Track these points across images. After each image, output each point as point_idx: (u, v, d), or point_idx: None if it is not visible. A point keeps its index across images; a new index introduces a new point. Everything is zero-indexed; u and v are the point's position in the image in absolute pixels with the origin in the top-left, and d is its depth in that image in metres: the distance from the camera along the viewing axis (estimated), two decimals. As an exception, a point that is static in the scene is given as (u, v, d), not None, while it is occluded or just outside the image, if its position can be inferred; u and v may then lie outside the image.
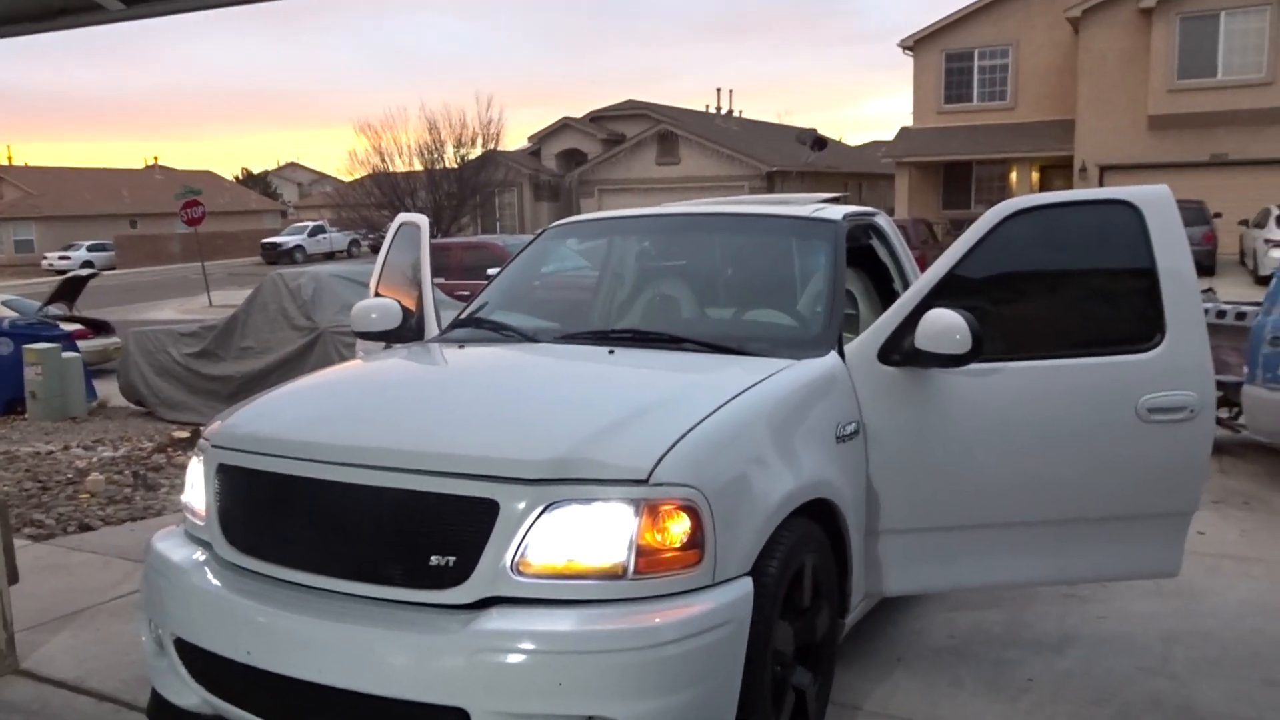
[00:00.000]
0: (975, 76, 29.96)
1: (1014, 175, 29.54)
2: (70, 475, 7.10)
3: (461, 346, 3.75)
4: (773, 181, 34.83)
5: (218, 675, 2.74)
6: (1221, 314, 7.37)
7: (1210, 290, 8.28)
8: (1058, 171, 28.33)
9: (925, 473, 3.36)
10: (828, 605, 3.11)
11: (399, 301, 4.29)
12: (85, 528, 5.72)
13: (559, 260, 4.86)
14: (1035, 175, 29.53)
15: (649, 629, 2.39)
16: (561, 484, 2.49)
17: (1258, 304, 7.10)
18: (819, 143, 33.10)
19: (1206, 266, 20.52)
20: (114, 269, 42.77)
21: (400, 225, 4.88)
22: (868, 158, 41.19)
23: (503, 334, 3.84)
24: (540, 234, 4.70)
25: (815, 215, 4.02)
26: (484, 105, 49.61)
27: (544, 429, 2.69)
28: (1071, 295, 3.64)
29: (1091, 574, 3.64)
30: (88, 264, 38.11)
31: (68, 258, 42.25)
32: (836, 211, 4.08)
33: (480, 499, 2.49)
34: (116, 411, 11.08)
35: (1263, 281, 17.60)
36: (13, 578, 3.83)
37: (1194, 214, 21.70)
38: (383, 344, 4.18)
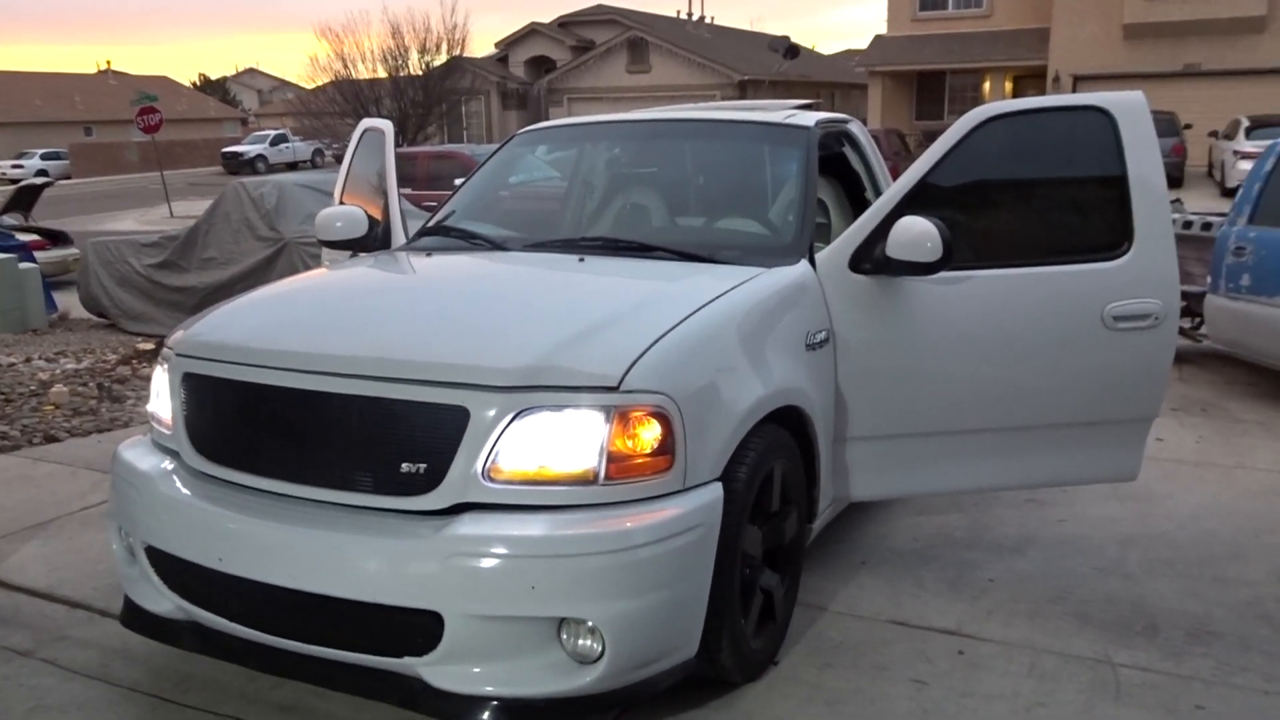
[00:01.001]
0: (951, -18, 29.41)
1: (987, 85, 29.28)
2: (34, 387, 7.00)
3: (429, 254, 3.70)
4: (745, 90, 34.27)
5: (190, 582, 2.75)
6: (1188, 225, 7.42)
7: (1178, 201, 8.32)
8: (1031, 82, 28.10)
9: (894, 380, 3.39)
10: (796, 510, 3.16)
11: (365, 210, 4.21)
12: (51, 439, 5.67)
13: (528, 169, 4.77)
14: (1009, 85, 29.28)
15: (620, 533, 2.42)
16: (532, 391, 2.48)
17: (1223, 215, 7.15)
18: (791, 51, 32.48)
19: (1175, 178, 20.60)
20: (69, 178, 41.60)
21: (364, 131, 4.76)
22: (841, 67, 40.61)
23: (471, 242, 3.79)
24: (509, 140, 4.61)
25: (787, 122, 3.97)
26: (449, 9, 48.10)
27: (515, 336, 2.68)
28: (1043, 203, 3.63)
29: (1054, 479, 3.72)
30: (42, 173, 37.07)
31: (21, 166, 41.02)
32: (809, 118, 4.02)
33: (451, 406, 2.48)
34: (78, 323, 10.91)
35: (1229, 194, 17.69)
36: (-22, 488, 3.80)
37: (1165, 125, 21.64)
38: (349, 253, 4.12)
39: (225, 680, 2.98)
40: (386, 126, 4.61)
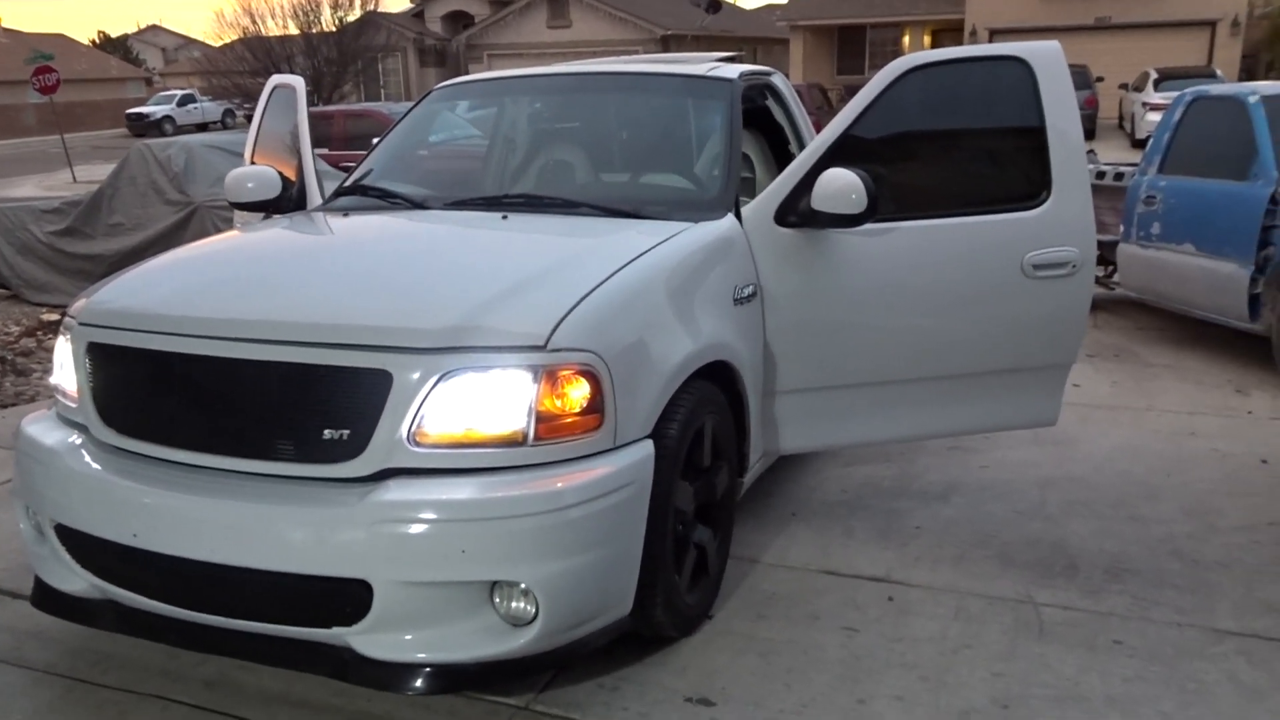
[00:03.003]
0: (870, -65, 29.47)
1: (907, 39, 29.54)
2: (-69, 363, 6.67)
3: (346, 215, 3.58)
4: (667, 45, 34.00)
5: (103, 559, 2.64)
6: (1101, 175, 7.59)
7: (1091, 152, 8.50)
8: (949, 36, 28.45)
9: (821, 333, 3.40)
10: (727, 465, 3.16)
11: (278, 170, 4.06)
12: (-49, 416, 5.41)
13: (448, 127, 4.65)
14: (927, 39, 29.58)
15: (550, 493, 2.39)
16: (457, 352, 2.42)
17: (1135, 165, 7.33)
18: (713, 5, 32.25)
19: (1088, 130, 21.07)
20: (-39, 143, 39.53)
21: (274, 88, 4.59)
22: (763, 21, 40.52)
23: (390, 201, 3.68)
24: (426, 96, 4.48)
25: (710, 74, 3.92)
26: (361, -39, 46.48)
27: (437, 296, 2.61)
28: (964, 154, 3.67)
29: (977, 426, 3.79)
30: (-69, 137, 35.14)
31: (-94, 131, 38.84)
32: (732, 70, 3.98)
33: (373, 370, 2.41)
34: (-22, 294, 10.41)
35: (1140, 145, 18.22)
36: None
37: (1078, 78, 22.05)
38: (261, 214, 3.97)
39: (146, 658, 2.89)
40: (298, 83, 4.44)
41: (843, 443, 3.72)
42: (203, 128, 38.60)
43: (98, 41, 66.32)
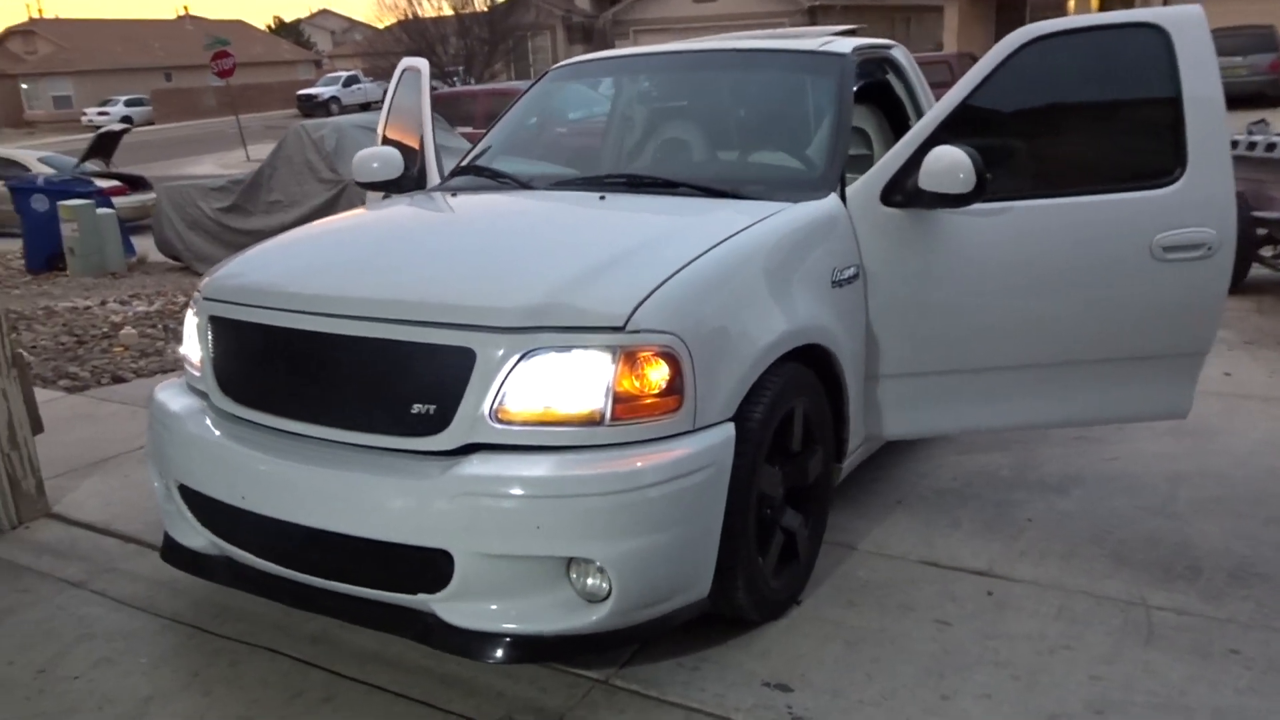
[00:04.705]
0: (1034, -107, 27.90)
1: (1072, 3, 27.88)
2: (105, 330, 7.27)
3: (455, 195, 3.69)
4: (814, 16, 33.24)
5: (219, 518, 2.84)
6: (1271, 147, 7.01)
7: (1263, 122, 7.86)
8: (1119, -2, 26.64)
9: (927, 316, 3.29)
10: (821, 449, 3.11)
11: (409, 145, 4.22)
12: (118, 379, 5.89)
13: (586, 104, 4.71)
14: (1095, 2, 27.83)
15: (624, 473, 2.41)
16: (538, 331, 2.47)
17: (1312, 136, 6.74)
18: (865, -28, 31.33)
19: (1272, 96, 19.49)
20: (152, 124, 42.69)
21: (403, 71, 4.75)
22: (917, -12, 38.97)
23: (499, 180, 3.77)
24: (542, 76, 4.55)
25: (822, 50, 3.82)
26: (514, -58, 47.30)
27: (522, 276, 2.66)
28: (1090, 128, 3.45)
29: (1098, 416, 3.59)
30: (126, 119, 38.09)
31: (106, 113, 42.22)
32: (845, 45, 3.87)
33: (457, 347, 2.49)
34: (155, 267, 11.26)
35: (1332, 113, 16.67)
36: (37, 428, 3.97)
37: (1262, 39, 20.50)
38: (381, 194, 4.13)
39: (261, 612, 3.09)
40: (423, 65, 4.58)
41: (949, 429, 3.60)
42: (365, 107, 40.34)
43: (273, 26, 70.12)
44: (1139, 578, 3.15)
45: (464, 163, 4.14)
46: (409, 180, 4.10)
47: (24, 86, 49.06)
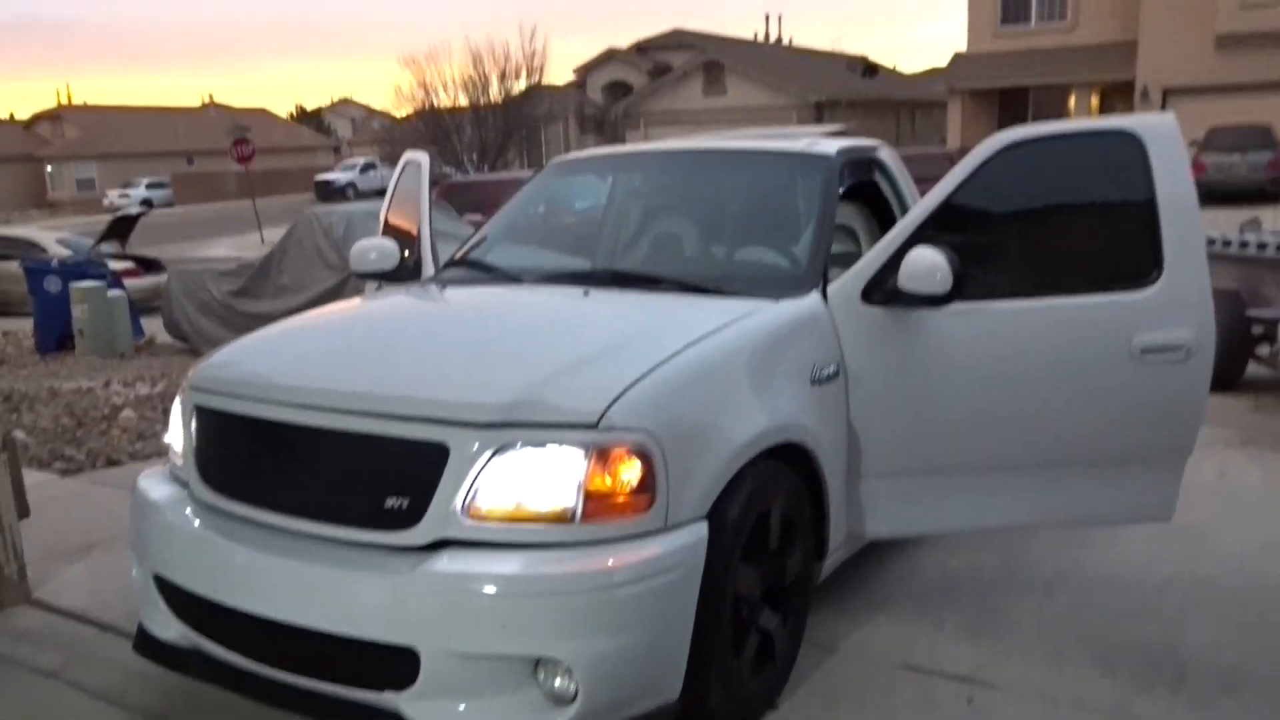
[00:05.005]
0: (1034, -4, 28.76)
1: (1073, 101, 28.49)
2: (106, 411, 7.31)
3: (444, 288, 3.76)
4: (821, 111, 34.03)
5: (192, 610, 2.83)
6: (1263, 246, 7.09)
7: (1255, 221, 7.96)
8: (1119, 96, 27.25)
9: (908, 415, 3.31)
10: (801, 548, 3.10)
11: (409, 232, 4.31)
12: (113, 463, 5.91)
13: (593, 195, 4.82)
14: (1095, 100, 28.44)
15: (593, 573, 2.41)
16: (512, 428, 2.49)
17: (1304, 235, 6.82)
18: (869, 70, 32.22)
19: (1271, 194, 19.73)
20: (171, 206, 43.57)
21: (406, 163, 4.88)
22: (921, 85, 40.01)
23: (489, 274, 3.84)
24: (541, 170, 4.67)
25: (807, 150, 3.92)
26: (528, 36, 48.69)
27: (499, 371, 2.70)
28: (1067, 231, 3.52)
29: (1082, 517, 3.57)
30: (146, 202, 38.94)
31: (127, 195, 43.17)
32: (830, 146, 3.97)
33: (431, 442, 2.51)
34: (162, 349, 11.37)
35: (1330, 210, 16.86)
36: (23, 512, 3.98)
37: (1259, 138, 20.83)
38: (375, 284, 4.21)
39: (232, 707, 3.04)
40: (423, 159, 4.71)
41: (933, 530, 3.58)
42: (381, 193, 41.11)
43: (295, 114, 72.01)
44: (1125, 684, 3.10)
45: (458, 254, 4.22)
46: (405, 270, 4.17)
47: (49, 169, 50.31)
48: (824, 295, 3.36)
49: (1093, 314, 3.27)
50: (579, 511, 2.46)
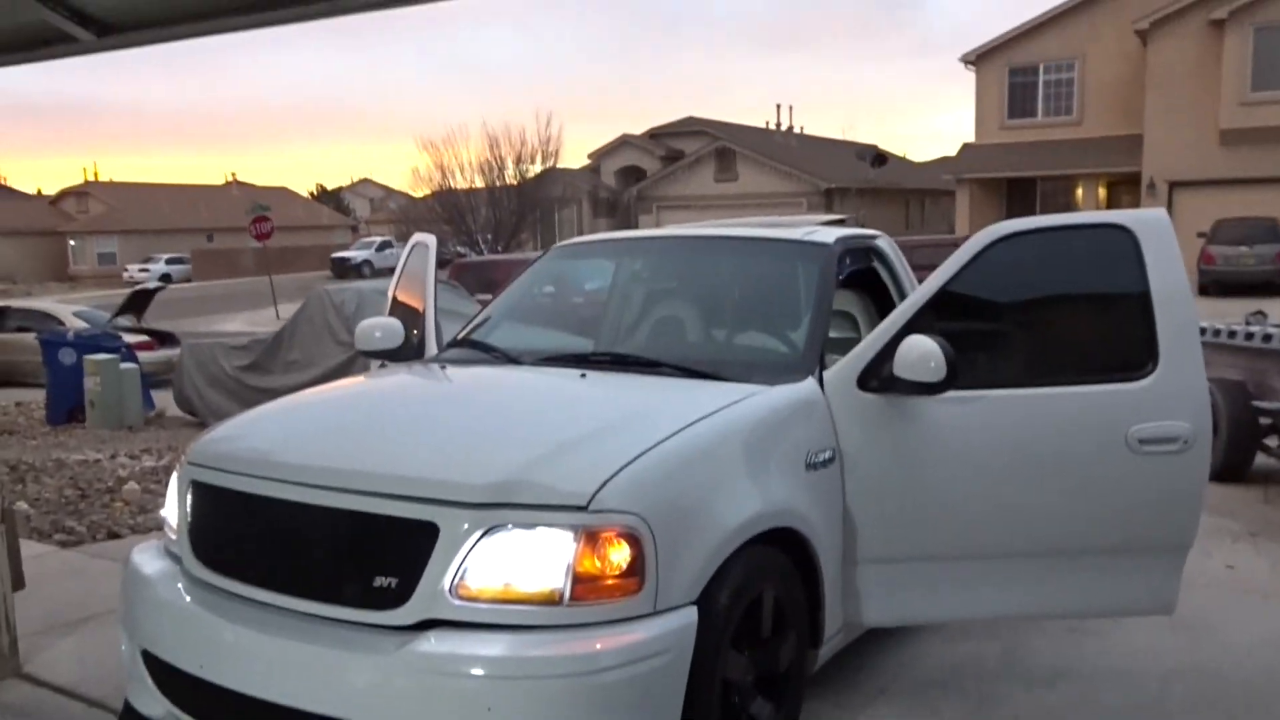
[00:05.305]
0: (1040, 91, 29.38)
1: (1080, 191, 28.88)
2: (110, 484, 7.34)
3: (444, 367, 3.80)
4: (831, 198, 34.58)
5: (178, 687, 2.81)
6: (1269, 338, 7.10)
7: (1260, 313, 7.99)
8: (1125, 187, 27.62)
9: (903, 501, 3.30)
10: (795, 635, 3.06)
11: (415, 309, 4.38)
12: (113, 535, 5.91)
13: (561, 280, 4.90)
14: (1102, 191, 28.83)
15: (581, 656, 2.39)
16: (501, 508, 2.50)
17: (1309, 326, 6.84)
18: (879, 159, 32.75)
19: (1278, 285, 19.84)
20: (190, 281, 44.18)
21: (414, 244, 4.98)
22: (930, 174, 40.63)
23: (489, 354, 3.88)
24: (543, 254, 4.75)
25: (805, 239, 3.99)
26: (544, 123, 49.83)
27: (491, 452, 2.72)
28: (1062, 321, 3.55)
29: (1082, 608, 3.54)
30: (165, 277, 39.46)
31: (147, 270, 43.78)
32: (829, 235, 4.04)
33: (421, 521, 2.52)
34: (171, 421, 11.42)
35: (1338, 302, 16.90)
36: (18, 584, 3.98)
37: (1264, 231, 21.02)
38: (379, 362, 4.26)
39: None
40: (430, 240, 4.81)
41: (931, 618, 3.54)
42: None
43: (315, 193, 73.38)
44: (1125, 784, 3.03)
45: (461, 334, 4.28)
46: (409, 349, 4.23)
47: (72, 243, 51.23)
48: (820, 381, 3.38)
49: (1089, 404, 3.29)
50: (567, 593, 2.45)
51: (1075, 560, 3.35)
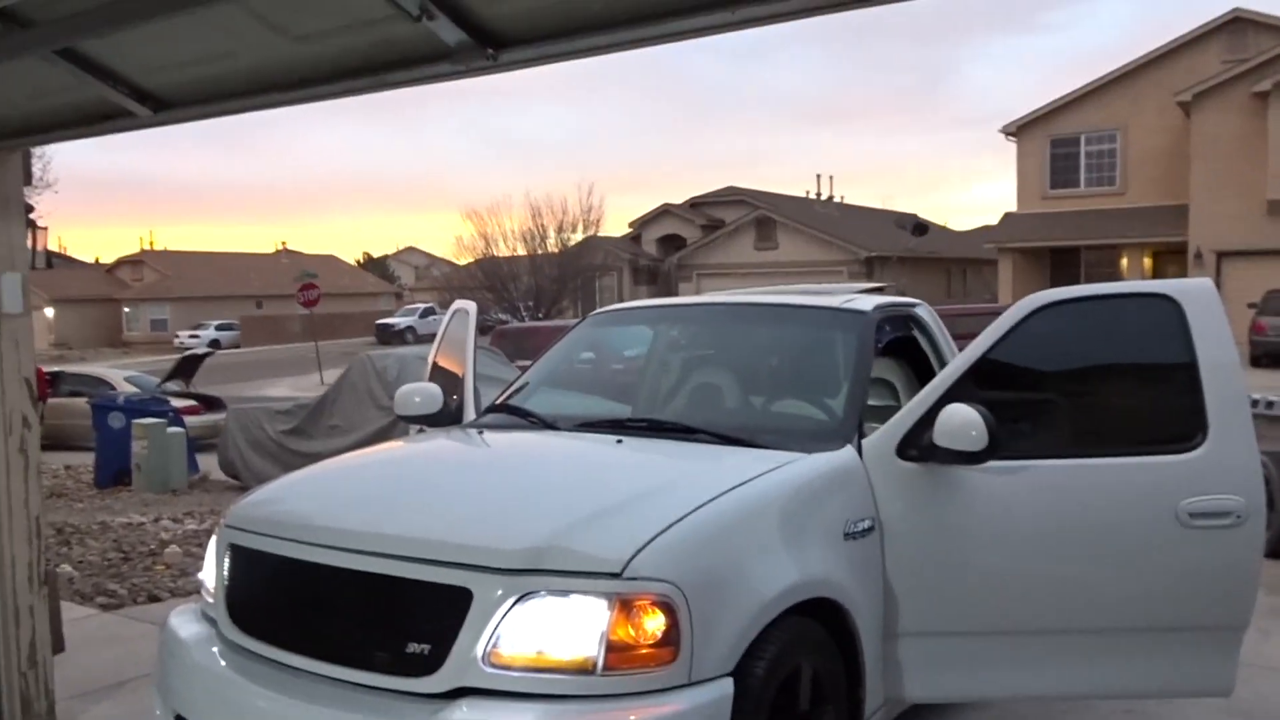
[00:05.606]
0: (1082, 161, 29.36)
1: (1125, 261, 28.62)
2: (152, 546, 7.41)
3: (481, 433, 3.82)
4: (871, 267, 34.59)
5: (210, 753, 2.79)
6: (1322, 410, 6.92)
7: (1314, 384, 7.81)
8: (1171, 257, 27.33)
9: (945, 573, 3.23)
10: (833, 710, 2.98)
11: (454, 373, 4.42)
12: (154, 598, 5.95)
13: (598, 347, 4.93)
14: (1147, 261, 28.54)
15: (613, 728, 2.34)
16: (536, 574, 2.49)
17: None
18: (920, 228, 32.80)
19: (1331, 359, 19.39)
20: (238, 347, 45.04)
21: (455, 311, 5.06)
22: (972, 243, 40.56)
23: (527, 420, 3.90)
24: (582, 320, 4.79)
25: (844, 306, 3.99)
26: (585, 192, 50.74)
27: (526, 517, 2.71)
28: (1106, 391, 3.50)
29: (1133, 689, 3.41)
30: (214, 342, 40.28)
31: (197, 336, 44.75)
32: (868, 303, 4.03)
33: (455, 587, 2.51)
34: (215, 485, 11.56)
35: (1396, 374, 16.47)
36: (58, 647, 4.00)
37: (1317, 301, 20.61)
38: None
39: None
40: (471, 308, 4.88)
41: (974, 695, 3.44)
42: (438, 337, 42.10)
43: (361, 261, 74.92)
44: None
45: (499, 400, 4.30)
46: (447, 414, 4.25)
47: (126, 310, 52.63)
48: (859, 449, 3.35)
49: (1136, 476, 3.21)
50: (601, 662, 2.42)
51: (1128, 638, 3.24)
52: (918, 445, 3.23)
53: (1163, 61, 28.03)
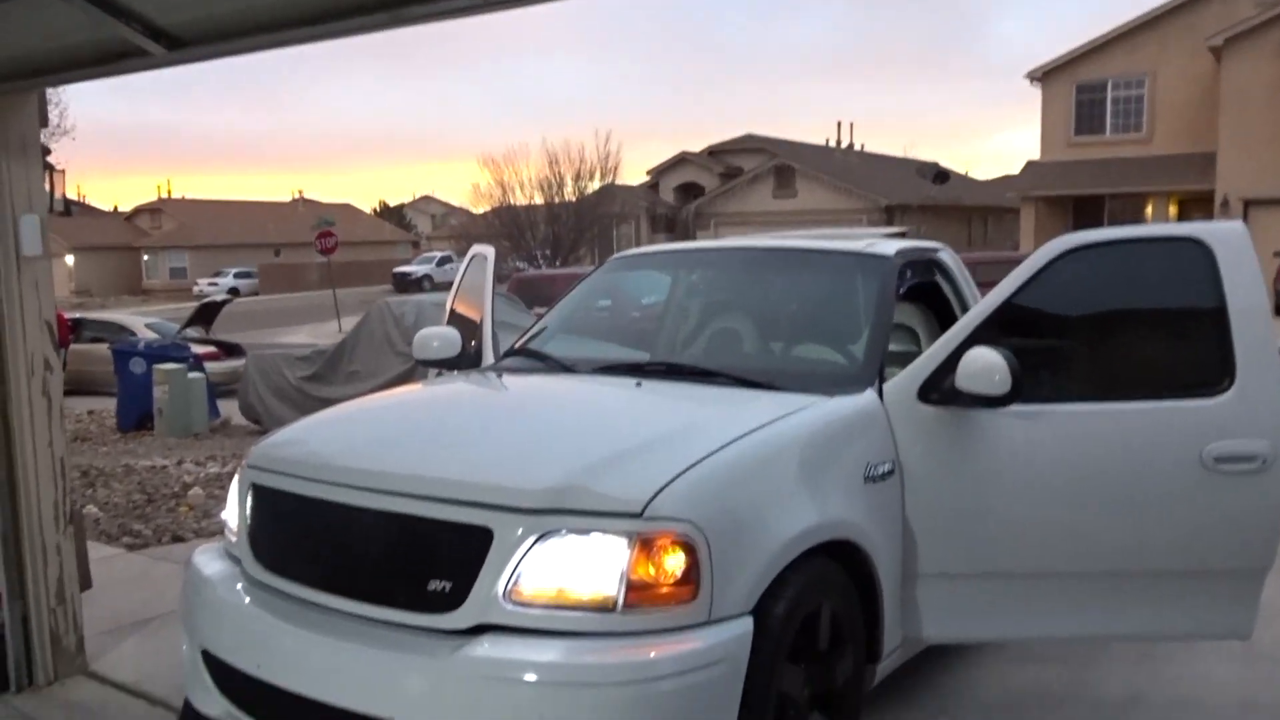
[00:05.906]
0: (1108, 108, 28.77)
1: (1150, 209, 28.18)
2: (176, 489, 7.50)
3: (500, 375, 3.82)
4: (892, 215, 34.23)
5: (237, 687, 2.84)
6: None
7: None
8: (1197, 205, 26.89)
9: (964, 517, 3.22)
10: (852, 650, 3.00)
11: (472, 319, 4.41)
12: (178, 539, 6.04)
13: (617, 291, 4.90)
14: (1173, 209, 28.10)
15: (635, 664, 2.37)
16: (556, 514, 2.49)
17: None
18: (940, 176, 32.41)
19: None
20: (257, 294, 45.20)
21: (473, 255, 5.02)
22: (993, 192, 40.03)
23: (545, 363, 3.89)
24: (602, 264, 4.76)
25: (866, 251, 3.94)
26: (603, 140, 50.06)
27: (545, 458, 2.71)
28: (1132, 336, 3.44)
29: (1150, 632, 3.41)
30: (233, 290, 40.44)
31: (215, 284, 44.91)
32: (889, 247, 3.98)
33: (476, 526, 2.52)
34: (236, 429, 11.67)
35: None
36: (86, 584, 4.07)
37: (1348, 250, 20.28)
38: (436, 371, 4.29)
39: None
40: (489, 252, 4.84)
41: (992, 636, 3.45)
42: (455, 285, 42.10)
43: (378, 210, 74.72)
44: (1199, 816, 2.90)
45: (517, 344, 4.29)
46: (466, 358, 4.25)
47: (145, 258, 52.82)
48: (880, 393, 3.32)
49: (1160, 420, 3.18)
50: (621, 600, 2.43)
51: (1146, 582, 3.24)
52: (940, 389, 3.20)
53: (1194, 6, 27.29)
